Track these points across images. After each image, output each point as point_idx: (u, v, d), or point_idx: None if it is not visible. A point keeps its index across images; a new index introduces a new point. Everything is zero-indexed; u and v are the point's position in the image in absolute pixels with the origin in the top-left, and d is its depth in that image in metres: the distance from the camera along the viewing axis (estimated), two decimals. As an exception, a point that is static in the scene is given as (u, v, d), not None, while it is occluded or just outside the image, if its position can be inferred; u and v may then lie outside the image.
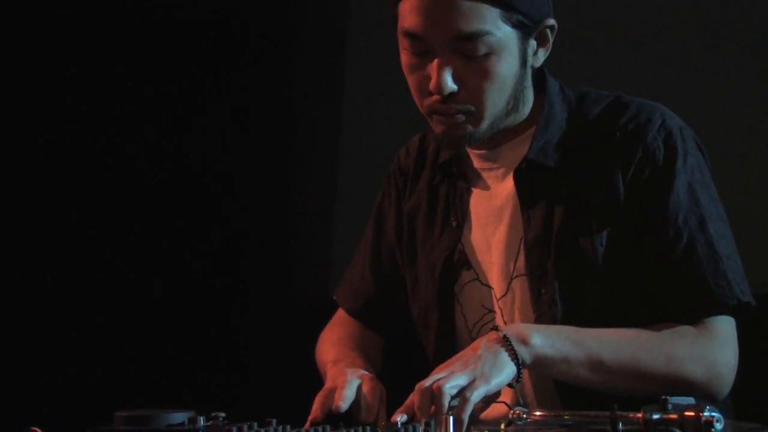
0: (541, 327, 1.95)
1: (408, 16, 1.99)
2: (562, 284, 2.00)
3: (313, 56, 3.73)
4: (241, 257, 3.63)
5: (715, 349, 1.97)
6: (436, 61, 1.98)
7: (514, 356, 1.86)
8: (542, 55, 2.06)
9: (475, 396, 1.79)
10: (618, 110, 2.08)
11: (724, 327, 2.00)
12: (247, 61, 3.65)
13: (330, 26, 3.73)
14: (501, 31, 1.97)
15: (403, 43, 2.03)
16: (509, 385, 1.85)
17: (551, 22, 2.04)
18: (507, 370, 1.85)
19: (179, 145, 3.59)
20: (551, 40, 2.05)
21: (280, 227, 3.70)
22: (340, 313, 2.36)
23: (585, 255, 2.00)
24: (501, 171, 2.12)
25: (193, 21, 3.59)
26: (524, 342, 1.88)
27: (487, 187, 2.14)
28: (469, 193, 2.15)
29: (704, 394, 1.92)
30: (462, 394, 1.79)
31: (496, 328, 1.90)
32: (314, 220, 3.71)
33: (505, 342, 1.87)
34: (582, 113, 2.10)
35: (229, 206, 3.62)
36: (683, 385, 1.91)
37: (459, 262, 2.14)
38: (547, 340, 1.90)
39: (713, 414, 1.54)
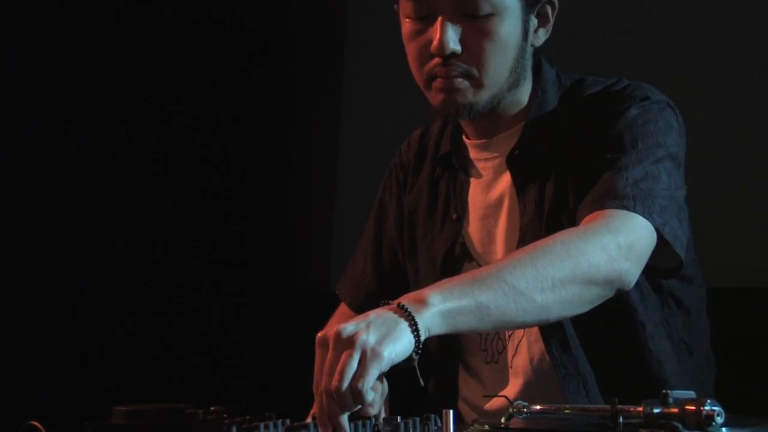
0: (437, 284, 1.76)
1: None
2: None
3: (313, 56, 3.73)
4: (242, 252, 3.64)
5: (608, 229, 1.86)
6: (438, 20, 1.99)
7: (413, 323, 1.65)
8: (542, 35, 2.07)
9: (368, 384, 1.60)
10: (607, 87, 2.09)
11: (622, 217, 1.89)
12: (250, 61, 3.66)
13: (330, 26, 3.73)
14: None
15: (406, 9, 2.04)
16: (407, 359, 1.65)
17: None
18: (404, 339, 1.63)
19: (181, 142, 3.60)
20: (551, 20, 2.07)
21: (281, 222, 3.71)
22: (342, 308, 2.36)
23: None
24: (498, 161, 2.13)
25: (194, 21, 3.60)
26: (423, 303, 1.68)
27: (485, 178, 2.15)
28: (468, 185, 2.15)
29: (611, 276, 1.84)
30: (354, 388, 1.59)
31: (388, 302, 1.70)
32: (315, 214, 3.71)
33: (400, 309, 1.66)
34: (574, 96, 2.11)
35: (231, 202, 3.64)
36: (590, 270, 1.81)
37: (460, 254, 2.15)
38: (444, 292, 1.71)
39: (714, 408, 1.53)
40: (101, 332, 3.51)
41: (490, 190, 2.14)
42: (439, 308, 1.69)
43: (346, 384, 1.59)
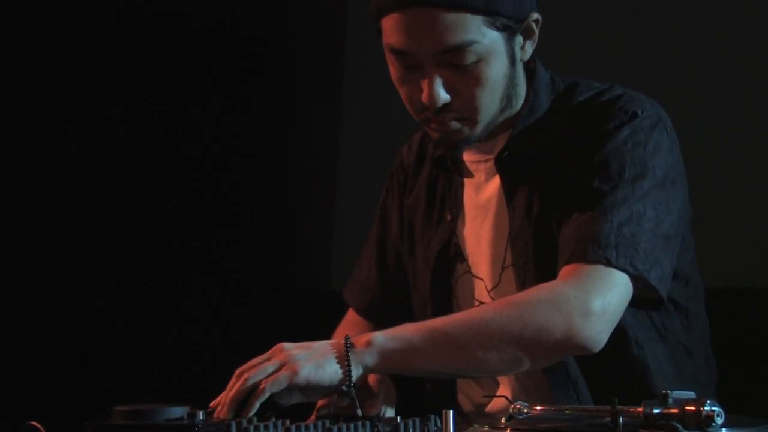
0: (396, 327, 1.90)
1: (392, 33, 1.98)
2: (543, 272, 1.99)
3: (313, 56, 3.73)
4: (242, 252, 3.64)
5: (576, 294, 1.89)
6: (425, 75, 1.98)
7: (345, 359, 1.83)
8: (530, 48, 2.06)
9: (273, 386, 1.79)
10: (598, 96, 2.08)
11: (598, 275, 1.90)
12: (250, 61, 3.66)
13: (330, 26, 3.73)
14: (487, 38, 1.97)
15: (390, 57, 2.03)
16: (341, 389, 1.83)
17: (535, 16, 2.03)
18: (329, 369, 1.82)
19: (181, 142, 3.60)
20: (537, 32, 2.05)
21: (281, 222, 3.71)
22: (350, 315, 2.38)
23: (556, 241, 2.00)
24: (489, 163, 2.13)
25: (194, 21, 3.60)
26: (367, 343, 1.85)
27: (478, 180, 2.15)
28: (462, 186, 2.16)
29: (567, 342, 1.88)
30: (259, 385, 1.79)
31: (348, 336, 1.87)
32: (315, 214, 3.71)
33: (345, 345, 1.85)
34: (565, 101, 2.10)
35: (231, 202, 3.64)
36: (542, 332, 1.86)
37: (454, 255, 2.15)
38: (389, 335, 1.87)
39: (714, 408, 1.53)
40: (101, 332, 3.51)
41: (480, 191, 2.14)
42: (378, 348, 1.85)
43: (254, 378, 1.80)
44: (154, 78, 3.57)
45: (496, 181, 2.11)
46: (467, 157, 2.15)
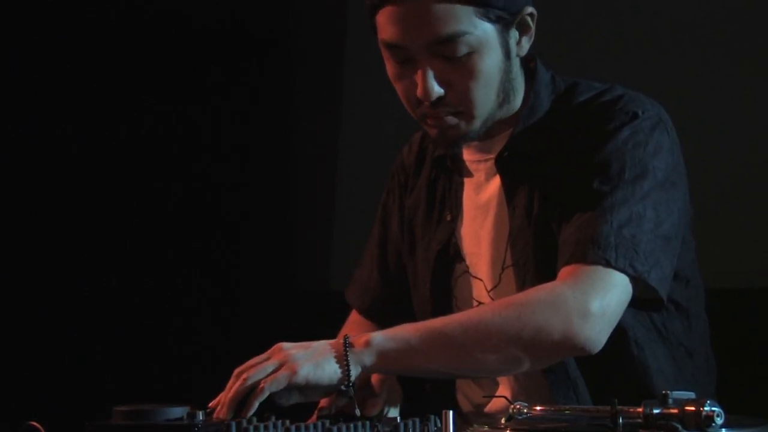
0: (395, 327, 1.90)
1: (385, 27, 1.99)
2: (543, 272, 1.99)
3: (313, 56, 3.73)
4: (242, 252, 3.64)
5: (574, 295, 1.89)
6: (419, 68, 1.98)
7: (344, 359, 1.83)
8: (526, 43, 2.06)
9: (272, 385, 1.79)
10: (598, 96, 2.08)
11: (597, 276, 1.90)
12: (250, 61, 3.66)
13: (330, 26, 3.73)
14: (479, 29, 1.97)
15: (385, 54, 2.03)
16: (340, 389, 1.84)
17: (530, 9, 2.03)
18: (328, 369, 1.83)
19: (180, 142, 3.60)
20: (533, 27, 2.04)
21: (281, 222, 3.71)
22: (353, 316, 2.38)
23: (556, 242, 1.99)
24: (489, 163, 2.13)
25: (194, 21, 3.60)
26: (365, 343, 1.85)
27: (478, 179, 2.15)
28: (462, 186, 2.16)
29: (566, 343, 1.88)
30: (258, 384, 1.80)
31: (347, 336, 1.87)
32: (315, 214, 3.71)
33: (343, 344, 1.85)
34: (566, 101, 2.10)
35: (231, 202, 3.63)
36: (540, 332, 1.86)
37: (453, 255, 2.15)
38: (387, 335, 1.87)
39: (714, 408, 1.53)
40: (101, 332, 3.51)
41: (480, 191, 2.14)
42: (376, 348, 1.85)
43: (254, 378, 1.80)
44: (154, 78, 3.57)
45: (496, 181, 2.11)
46: (467, 156, 2.15)
